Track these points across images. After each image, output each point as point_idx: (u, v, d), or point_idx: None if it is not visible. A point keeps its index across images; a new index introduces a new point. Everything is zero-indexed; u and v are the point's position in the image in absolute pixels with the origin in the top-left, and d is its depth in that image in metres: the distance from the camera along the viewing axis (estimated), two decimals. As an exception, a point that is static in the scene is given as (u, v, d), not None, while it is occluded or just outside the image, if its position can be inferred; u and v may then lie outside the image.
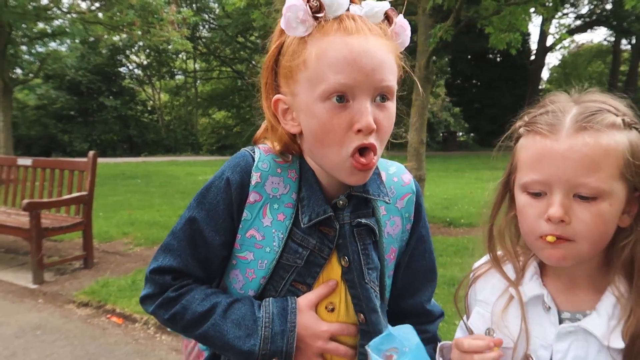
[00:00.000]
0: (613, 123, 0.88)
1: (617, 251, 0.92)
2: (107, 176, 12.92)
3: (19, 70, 21.32)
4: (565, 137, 0.87)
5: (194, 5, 27.05)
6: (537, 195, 0.91)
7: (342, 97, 0.92)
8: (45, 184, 5.53)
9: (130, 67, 30.48)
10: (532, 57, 29.21)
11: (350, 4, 0.98)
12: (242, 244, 1.05)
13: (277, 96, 1.03)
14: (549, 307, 0.95)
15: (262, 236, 1.04)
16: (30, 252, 4.71)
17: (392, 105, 0.99)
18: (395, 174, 1.17)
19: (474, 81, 30.57)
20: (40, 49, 18.22)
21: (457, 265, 4.90)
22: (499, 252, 1.06)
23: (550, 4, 7.04)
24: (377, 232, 1.08)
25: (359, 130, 0.92)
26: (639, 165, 0.87)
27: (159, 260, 1.06)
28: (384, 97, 0.96)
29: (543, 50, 28.04)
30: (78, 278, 4.84)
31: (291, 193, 1.06)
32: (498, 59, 28.01)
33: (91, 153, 5.18)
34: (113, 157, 21.44)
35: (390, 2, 1.03)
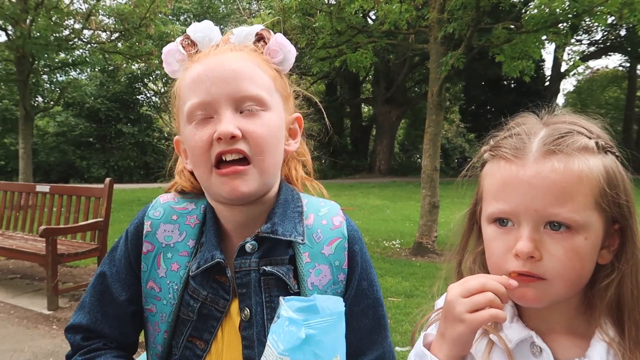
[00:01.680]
0: (585, 146, 0.78)
1: (599, 292, 0.81)
2: (123, 202, 13.05)
3: (40, 99, 21.93)
4: (532, 162, 0.78)
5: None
6: (504, 225, 0.81)
7: (205, 115, 0.90)
8: (63, 210, 5.61)
9: (148, 95, 31.07)
10: (547, 83, 29.16)
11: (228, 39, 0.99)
12: (145, 296, 1.00)
13: (176, 137, 1.02)
14: (540, 350, 0.83)
15: (159, 288, 0.97)
16: (45, 278, 4.75)
17: (264, 115, 0.91)
18: (325, 215, 1.02)
19: (489, 107, 30.53)
20: (61, 78, 18.78)
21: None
22: None
23: (563, 32, 7.07)
24: (289, 282, 0.94)
25: (219, 139, 0.87)
26: (616, 193, 0.78)
27: (73, 318, 1.02)
28: (251, 109, 0.90)
29: (557, 76, 27.96)
30: (92, 304, 4.84)
31: (187, 240, 0.98)
32: (512, 85, 27.96)
33: (107, 180, 5.25)
34: (129, 183, 21.68)
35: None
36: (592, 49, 28.11)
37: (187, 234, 0.99)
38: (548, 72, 29.27)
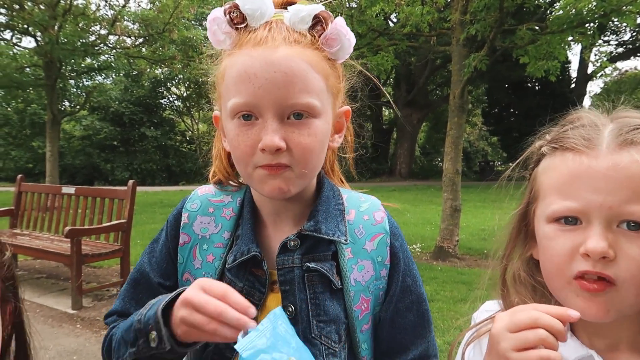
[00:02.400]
0: None
1: None
2: (146, 204, 13.25)
3: (66, 103, 22.46)
4: (607, 153, 0.69)
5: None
6: (569, 224, 0.72)
7: (249, 115, 0.84)
8: (87, 211, 5.71)
9: (171, 99, 31.52)
10: (573, 86, 28.63)
11: (281, 10, 0.89)
12: None
13: (215, 112, 0.99)
14: None
15: (195, 279, 0.93)
16: (70, 278, 4.83)
17: (312, 123, 0.85)
18: (367, 211, 1.01)
19: (512, 110, 30.13)
20: (87, 83, 19.19)
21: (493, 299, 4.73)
22: (515, 300, 0.82)
23: (590, 32, 6.93)
24: (332, 279, 0.92)
25: (264, 150, 0.83)
26: None
27: (112, 307, 1.03)
28: (299, 115, 0.84)
29: (584, 78, 27.43)
30: (115, 304, 4.92)
31: (222, 232, 0.97)
32: (537, 88, 27.53)
33: (130, 182, 5.33)
34: (152, 186, 22.02)
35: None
36: (620, 49, 27.49)
37: (222, 226, 0.98)
38: (574, 74, 28.73)
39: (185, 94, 31.67)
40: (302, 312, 0.91)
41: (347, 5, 8.34)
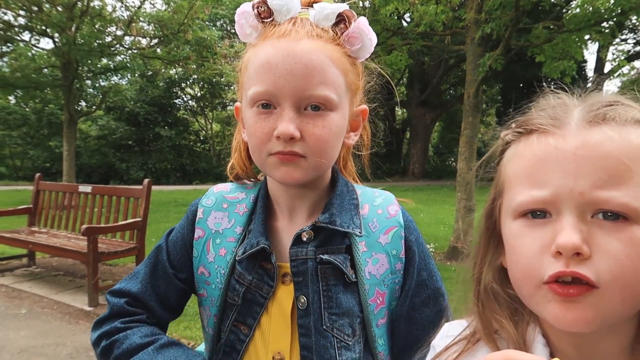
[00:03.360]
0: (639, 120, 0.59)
1: None
2: (160, 203, 13.36)
3: (83, 103, 22.76)
4: (577, 131, 0.58)
5: (246, 39, 28.08)
6: (537, 218, 0.60)
7: (268, 104, 0.87)
8: (103, 210, 5.79)
9: (185, 99, 31.76)
10: (589, 85, 28.20)
11: (307, 7, 0.92)
12: (197, 282, 1.02)
13: (237, 104, 1.02)
14: None
15: (209, 273, 0.99)
16: (87, 276, 4.90)
17: (328, 115, 0.88)
18: (381, 205, 1.01)
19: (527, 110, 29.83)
20: (103, 83, 19.41)
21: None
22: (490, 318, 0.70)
23: (607, 30, 6.83)
24: (346, 271, 0.93)
25: (279, 137, 0.86)
26: None
27: (122, 284, 1.03)
28: (316, 107, 0.87)
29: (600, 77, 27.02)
30: (130, 302, 4.97)
31: (235, 227, 1.00)
32: (552, 87, 27.24)
33: (146, 181, 5.39)
34: (166, 185, 22.19)
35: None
36: (638, 48, 27.02)
37: (235, 221, 1.00)
38: (590, 73, 28.33)
39: (199, 94, 31.89)
40: (314, 303, 0.92)
41: (361, 5, 8.33)
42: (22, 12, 11.93)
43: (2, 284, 5.54)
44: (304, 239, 0.94)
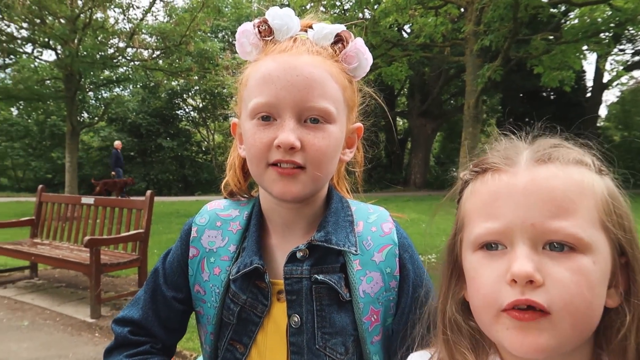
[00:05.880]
0: (581, 160, 0.67)
1: (613, 344, 0.64)
2: (162, 214, 13.37)
3: (85, 114, 22.89)
4: (526, 169, 0.66)
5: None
6: (492, 249, 0.66)
7: (268, 116, 0.88)
8: (106, 221, 5.81)
9: (187, 110, 31.89)
10: (588, 95, 28.31)
11: (306, 29, 0.95)
12: (194, 299, 1.03)
13: (234, 120, 1.03)
14: None
15: (204, 291, 1.00)
16: (89, 287, 4.91)
17: (327, 128, 0.89)
18: (375, 222, 1.01)
19: (527, 119, 29.85)
20: (105, 94, 19.53)
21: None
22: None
23: (605, 41, 6.89)
24: (341, 291, 0.92)
25: (279, 147, 0.86)
26: (620, 215, 0.65)
27: (125, 311, 1.04)
28: (316, 120, 0.88)
29: (599, 87, 27.10)
30: (132, 313, 4.97)
31: (229, 245, 1.00)
32: (552, 97, 27.29)
33: (148, 193, 5.40)
34: (168, 196, 22.22)
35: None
36: (636, 58, 27.14)
37: (229, 239, 1.01)
38: (589, 83, 28.44)
39: (201, 105, 32.02)
40: (307, 323, 0.92)
41: (361, 17, 8.41)
42: (25, 25, 12.07)
43: (4, 296, 5.55)
44: (299, 256, 0.94)
